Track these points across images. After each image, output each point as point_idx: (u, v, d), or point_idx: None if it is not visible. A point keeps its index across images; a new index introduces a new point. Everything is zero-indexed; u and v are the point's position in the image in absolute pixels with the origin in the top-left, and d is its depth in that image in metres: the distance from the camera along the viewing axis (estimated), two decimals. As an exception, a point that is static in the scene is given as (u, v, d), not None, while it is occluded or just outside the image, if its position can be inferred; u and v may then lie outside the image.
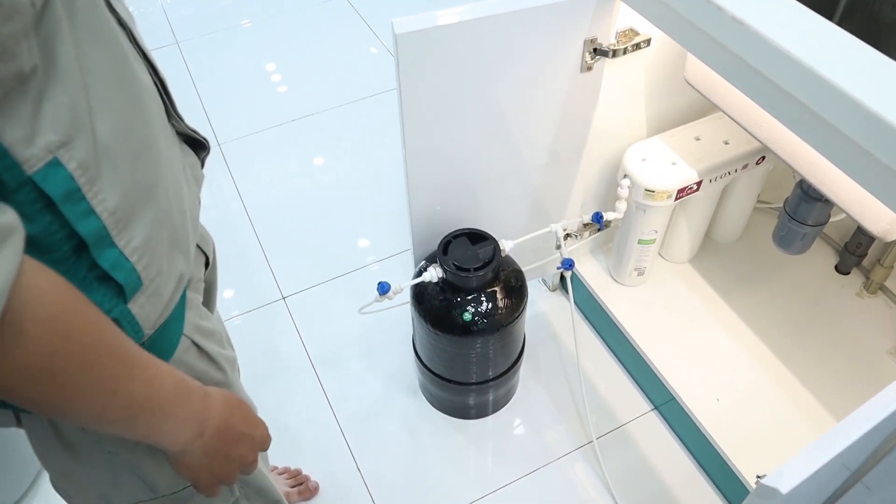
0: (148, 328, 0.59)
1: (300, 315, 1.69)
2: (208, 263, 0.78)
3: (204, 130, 2.13)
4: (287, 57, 2.40)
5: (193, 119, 2.16)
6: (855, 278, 1.57)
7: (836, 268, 1.58)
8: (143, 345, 0.58)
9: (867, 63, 0.79)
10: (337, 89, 2.26)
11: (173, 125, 0.67)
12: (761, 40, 0.84)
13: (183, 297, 0.65)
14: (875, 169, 0.78)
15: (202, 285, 0.76)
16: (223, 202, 1.93)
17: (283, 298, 1.72)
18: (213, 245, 0.82)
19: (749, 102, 0.94)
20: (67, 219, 0.49)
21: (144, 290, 0.57)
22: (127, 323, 0.56)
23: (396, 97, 1.09)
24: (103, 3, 0.53)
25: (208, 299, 0.85)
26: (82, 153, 0.49)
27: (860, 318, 1.50)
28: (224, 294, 1.73)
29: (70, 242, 0.50)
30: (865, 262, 1.55)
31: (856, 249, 1.52)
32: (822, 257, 1.59)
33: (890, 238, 0.99)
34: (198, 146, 0.73)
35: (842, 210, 1.05)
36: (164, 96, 0.64)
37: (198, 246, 0.73)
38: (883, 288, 1.53)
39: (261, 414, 0.81)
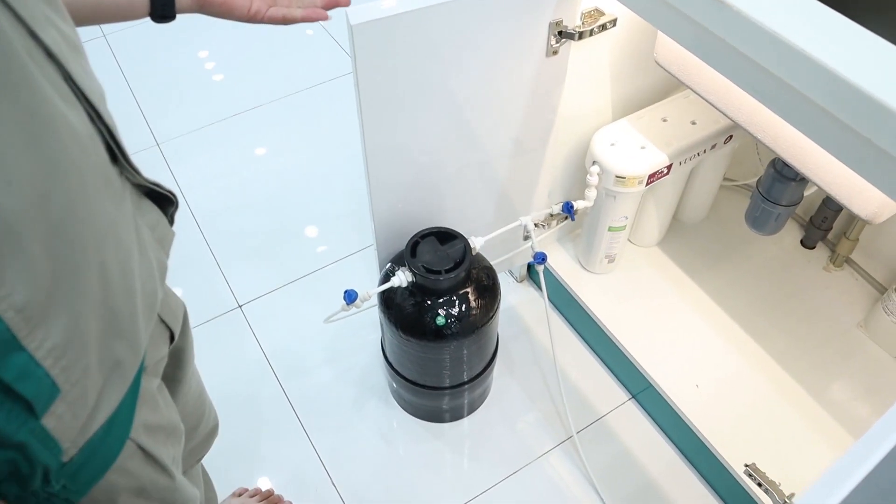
0: (69, 441, 0.48)
1: (259, 323, 1.60)
2: (174, 338, 0.67)
3: (140, 130, 2.01)
4: (222, 46, 2.27)
5: (129, 119, 2.05)
6: (821, 252, 1.56)
7: (801, 242, 1.58)
8: (70, 462, 0.48)
9: (846, 35, 0.76)
10: (278, 79, 2.15)
11: (127, 178, 0.55)
12: (741, 18, 0.80)
13: (134, 390, 0.54)
14: (866, 151, 0.74)
15: (163, 365, 0.65)
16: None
17: (240, 307, 1.63)
18: (185, 310, 0.71)
19: (725, 83, 0.90)
20: None
21: (64, 396, 0.46)
22: (39, 443, 0.45)
23: (349, 87, 1.02)
24: (17, 34, 0.41)
25: (176, 368, 0.74)
26: None
27: (828, 291, 1.50)
28: (175, 306, 1.63)
29: None
30: (831, 236, 1.55)
31: (821, 223, 1.51)
32: (787, 232, 1.58)
33: (879, 221, 0.97)
34: (163, 200, 0.62)
35: (829, 195, 1.02)
36: (113, 144, 0.52)
37: (160, 319, 0.62)
38: (849, 260, 1.52)
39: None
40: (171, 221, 0.64)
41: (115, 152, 0.53)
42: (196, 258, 1.72)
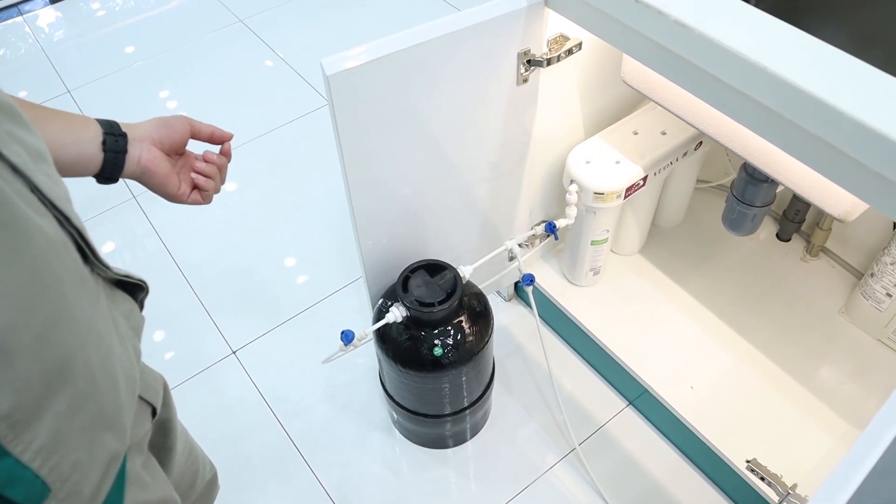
0: None
1: (255, 368, 1.61)
2: (155, 412, 0.69)
3: (118, 184, 2.00)
4: (185, 91, 2.28)
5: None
6: (796, 244, 1.60)
7: (777, 236, 1.62)
8: None
9: (799, 46, 0.81)
10: (247, 121, 2.16)
11: (98, 274, 0.57)
12: (701, 37, 0.83)
13: (121, 474, 0.56)
14: (831, 155, 0.78)
15: (147, 439, 0.67)
16: (150, 261, 1.82)
17: (234, 353, 1.63)
18: (165, 384, 0.73)
19: (692, 99, 0.93)
20: None
21: (55, 495, 0.46)
22: None
23: (318, 123, 1.04)
24: None
25: (164, 437, 0.76)
26: None
27: (808, 281, 1.54)
28: (165, 356, 1.63)
29: None
30: (804, 228, 1.59)
31: (794, 216, 1.55)
32: (762, 227, 1.62)
33: (851, 219, 1.00)
34: (134, 288, 0.64)
35: (802, 197, 1.05)
36: (84, 244, 0.54)
37: (141, 398, 0.64)
38: (824, 249, 1.57)
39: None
40: (142, 307, 0.67)
41: (86, 252, 0.55)
42: (185, 308, 1.72)
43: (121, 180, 0.78)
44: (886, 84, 0.74)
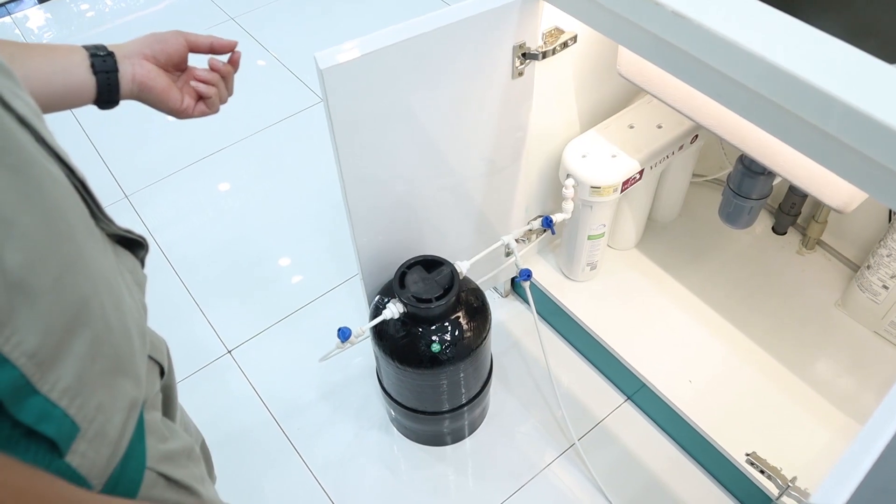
0: (96, 478, 0.49)
1: (251, 367, 1.59)
2: (163, 372, 0.70)
3: (107, 184, 1.99)
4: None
5: (96, 174, 2.03)
6: (792, 237, 1.60)
7: (773, 229, 1.62)
8: None
9: (796, 35, 0.80)
10: (241, 119, 2.15)
11: (102, 228, 0.58)
12: (697, 27, 0.83)
13: (140, 424, 0.57)
14: (830, 145, 0.77)
15: (160, 398, 0.68)
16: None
17: (230, 352, 1.62)
18: (167, 348, 0.74)
19: (689, 90, 0.92)
20: None
21: (83, 434, 0.48)
22: (67, 480, 0.46)
23: (310, 121, 1.03)
24: None
25: (168, 406, 0.76)
26: None
27: (804, 274, 1.54)
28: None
29: None
30: (800, 221, 1.59)
31: (790, 209, 1.55)
32: (758, 221, 1.62)
33: (850, 210, 1.00)
34: (134, 245, 0.64)
35: (801, 189, 1.05)
36: (87, 197, 0.55)
37: (150, 357, 0.64)
38: (820, 242, 1.57)
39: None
40: (142, 265, 0.67)
41: (90, 205, 0.55)
42: (179, 307, 1.71)
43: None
44: (882, 72, 0.74)
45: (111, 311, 0.52)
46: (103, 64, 0.73)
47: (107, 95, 0.74)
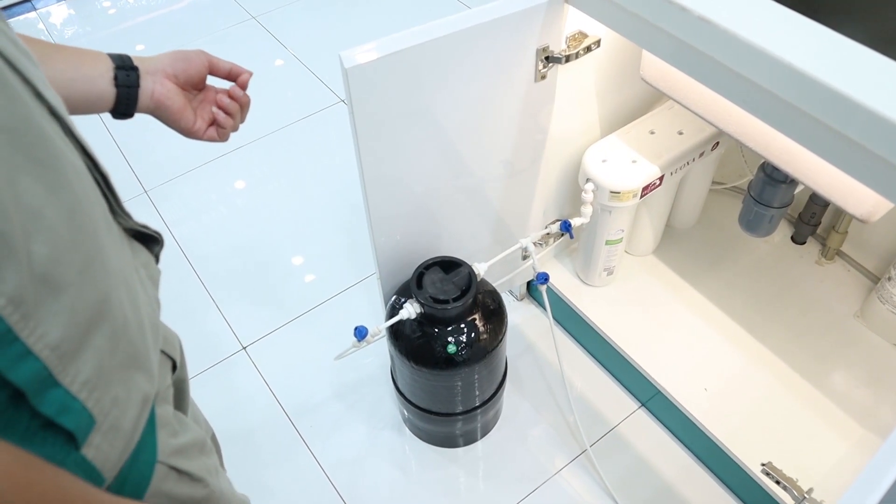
0: (109, 471, 0.50)
1: (265, 364, 1.60)
2: (175, 367, 0.70)
3: (127, 178, 2.01)
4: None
5: (115, 169, 2.04)
6: (812, 247, 1.59)
7: (792, 238, 1.61)
8: (108, 489, 0.50)
9: (821, 41, 0.80)
10: (259, 117, 2.16)
11: (119, 223, 0.58)
12: (722, 32, 0.82)
13: (152, 418, 0.57)
14: (856, 153, 0.77)
15: (171, 392, 0.68)
16: (161, 255, 1.82)
17: (244, 349, 1.63)
18: (180, 342, 0.74)
19: (713, 96, 0.92)
20: None
21: (99, 427, 0.48)
22: (82, 473, 0.47)
23: (329, 120, 1.04)
24: (27, 95, 0.44)
25: (180, 399, 0.76)
26: (12, 285, 0.40)
27: (823, 285, 1.52)
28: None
29: (4, 391, 0.42)
30: (820, 230, 1.58)
31: (810, 219, 1.54)
32: (777, 230, 1.61)
33: (874, 219, 0.99)
34: (149, 240, 0.65)
35: (824, 197, 1.04)
36: (108, 192, 0.56)
37: (162, 351, 0.65)
38: (840, 253, 1.55)
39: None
40: (157, 260, 0.68)
41: (110, 199, 0.56)
42: (195, 303, 1.72)
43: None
44: (915, 82, 0.73)
45: (128, 305, 0.53)
46: (126, 78, 0.74)
47: (124, 108, 0.75)
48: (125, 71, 0.74)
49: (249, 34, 2.49)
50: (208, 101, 0.83)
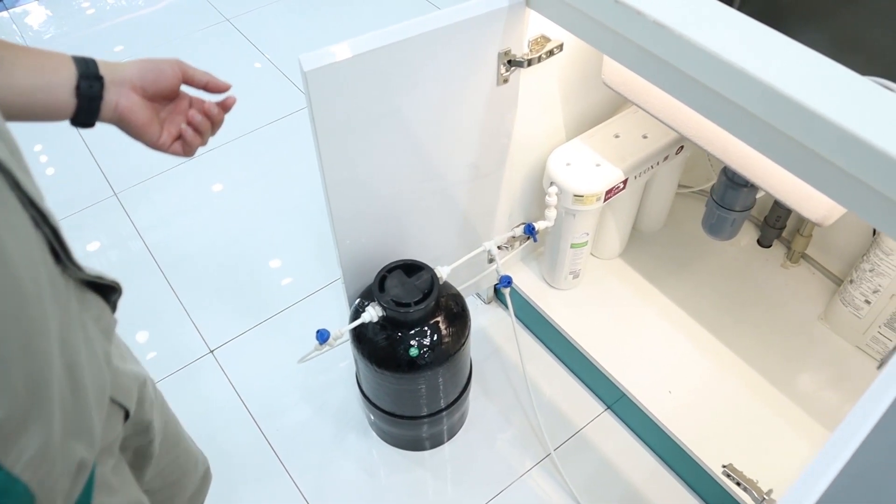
0: None
1: (232, 367, 1.59)
2: (128, 415, 0.66)
3: (97, 180, 1.99)
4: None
5: (85, 171, 2.03)
6: (777, 250, 1.60)
7: (758, 242, 1.62)
8: None
9: (777, 48, 0.80)
10: (232, 119, 2.14)
11: (69, 276, 0.55)
12: (680, 39, 0.83)
13: (90, 481, 0.55)
14: (810, 159, 0.78)
15: (118, 443, 0.65)
16: (129, 257, 1.80)
17: (212, 352, 1.62)
18: (143, 382, 0.71)
19: (672, 101, 0.93)
20: None
21: (37, 502, 0.47)
22: None
23: (302, 123, 1.03)
24: None
25: (143, 436, 0.74)
26: None
27: (788, 288, 1.54)
28: (147, 356, 1.61)
29: None
30: (785, 234, 1.59)
31: (775, 222, 1.55)
32: (743, 233, 1.63)
33: (829, 223, 1.00)
34: (106, 289, 0.61)
35: (780, 201, 1.05)
36: (57, 244, 0.52)
37: (114, 400, 0.62)
38: (805, 256, 1.57)
39: None
40: (114, 308, 0.64)
41: (59, 252, 0.52)
42: (162, 306, 1.70)
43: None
44: (865, 88, 0.74)
45: (69, 372, 0.50)
46: (89, 90, 0.69)
47: (83, 118, 0.71)
48: (89, 81, 0.69)
49: (224, 36, 2.48)
50: (178, 113, 0.78)
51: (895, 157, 0.67)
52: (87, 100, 0.69)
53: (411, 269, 1.20)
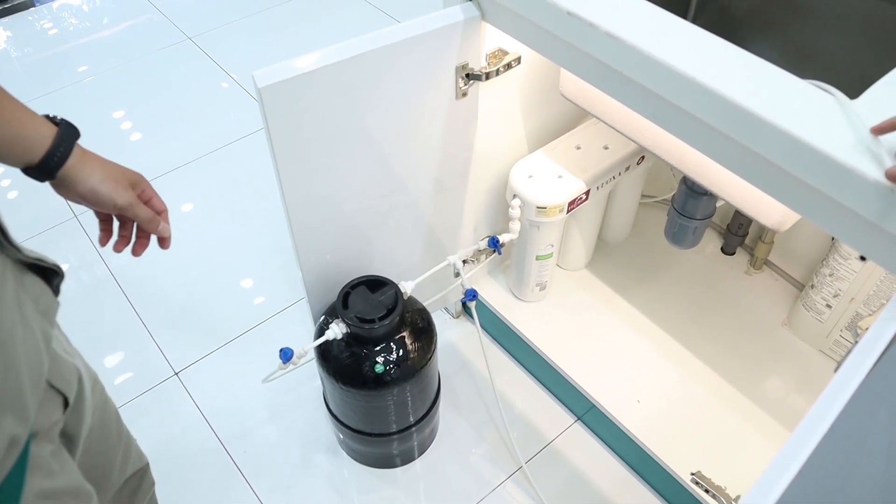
0: None
1: (197, 389, 1.56)
2: (68, 403, 0.66)
3: (55, 201, 1.95)
4: (137, 106, 2.24)
5: (40, 191, 1.98)
6: (741, 257, 1.62)
7: (721, 249, 1.64)
8: None
9: (727, 58, 0.81)
10: (197, 137, 2.13)
11: (8, 256, 0.56)
12: (633, 50, 0.84)
13: (23, 458, 0.55)
14: (762, 166, 0.79)
15: (57, 429, 0.65)
16: (91, 276, 1.77)
17: (177, 374, 1.59)
18: (80, 375, 0.70)
19: (628, 112, 0.93)
20: None
21: None
22: None
23: (267, 146, 1.02)
24: None
25: (72, 439, 0.72)
26: None
27: (752, 294, 1.55)
28: (115, 381, 1.58)
29: None
30: (748, 241, 1.61)
31: (738, 230, 1.57)
32: (707, 241, 1.64)
33: (784, 229, 1.02)
34: (48, 272, 0.63)
35: (737, 208, 1.07)
36: None
37: (51, 385, 0.62)
38: (767, 262, 1.59)
39: None
40: (57, 292, 0.65)
41: None
42: (126, 328, 1.67)
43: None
44: (813, 96, 0.75)
45: None
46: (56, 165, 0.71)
47: (45, 174, 0.72)
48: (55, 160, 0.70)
49: (186, 54, 2.46)
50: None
51: (834, 157, 0.68)
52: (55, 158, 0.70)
53: (375, 284, 1.19)
